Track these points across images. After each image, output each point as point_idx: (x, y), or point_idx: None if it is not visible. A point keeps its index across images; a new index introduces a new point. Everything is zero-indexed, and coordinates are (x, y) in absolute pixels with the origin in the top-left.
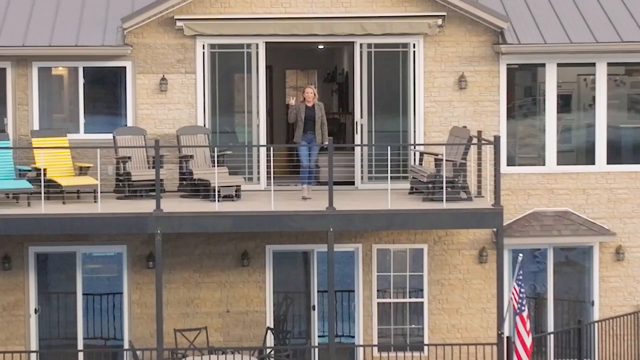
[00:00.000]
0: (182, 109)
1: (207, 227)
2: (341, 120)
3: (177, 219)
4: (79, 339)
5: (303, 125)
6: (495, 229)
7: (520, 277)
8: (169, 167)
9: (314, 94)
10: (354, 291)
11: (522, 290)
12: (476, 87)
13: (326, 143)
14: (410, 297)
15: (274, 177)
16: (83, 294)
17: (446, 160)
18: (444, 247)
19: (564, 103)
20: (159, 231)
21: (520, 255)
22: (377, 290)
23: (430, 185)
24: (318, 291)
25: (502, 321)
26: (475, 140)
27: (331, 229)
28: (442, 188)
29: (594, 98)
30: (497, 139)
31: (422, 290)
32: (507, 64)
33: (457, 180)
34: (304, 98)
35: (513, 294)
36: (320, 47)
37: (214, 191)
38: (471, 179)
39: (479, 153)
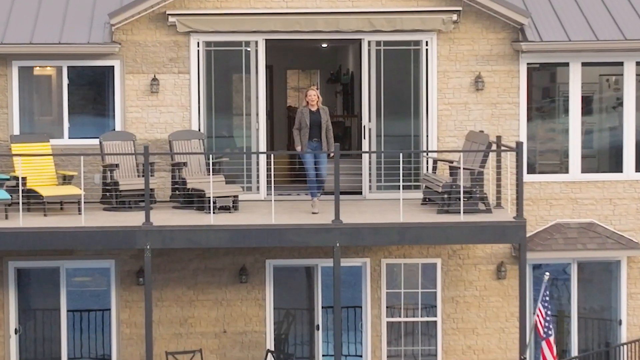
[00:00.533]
0: (174, 111)
1: (201, 242)
2: (346, 123)
3: (168, 233)
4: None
5: (308, 131)
6: (517, 244)
7: (547, 299)
8: (161, 175)
9: (318, 97)
10: (361, 307)
11: (549, 312)
12: (494, 88)
13: (333, 151)
14: (422, 316)
15: (275, 186)
16: (68, 311)
17: (463, 168)
18: (458, 261)
19: (585, 105)
20: (148, 247)
21: (547, 274)
22: (387, 308)
23: (445, 196)
24: (322, 307)
25: (525, 346)
26: (495, 147)
27: (338, 244)
28: (459, 199)
29: (617, 99)
30: (519, 145)
31: (435, 308)
32: (528, 64)
33: (475, 190)
34: (307, 102)
35: (538, 316)
36: (324, 45)
37: (209, 202)
38: (489, 188)
39: (498, 160)
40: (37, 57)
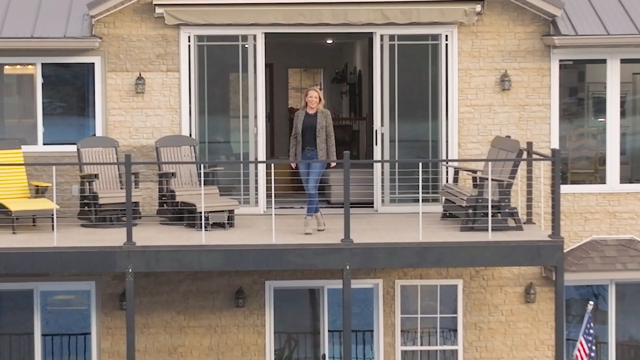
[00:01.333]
0: (162, 114)
1: (191, 265)
2: (354, 127)
3: (153, 254)
4: None
5: (302, 138)
6: (554, 266)
7: (591, 332)
8: (147, 186)
9: (320, 99)
10: (372, 331)
11: (593, 347)
12: (522, 87)
13: (334, 161)
14: (441, 344)
15: (275, 199)
16: (42, 335)
17: (492, 179)
18: (482, 283)
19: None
20: (129, 270)
21: (591, 303)
22: (401, 335)
23: (470, 211)
24: (329, 331)
25: None
26: (525, 154)
27: (348, 267)
28: (486, 214)
29: None
30: (556, 152)
31: (455, 334)
32: (560, 60)
33: (503, 204)
34: (306, 103)
35: (579, 350)
36: (329, 41)
37: (201, 217)
38: (518, 201)
39: (529, 170)
40: (7, 53)
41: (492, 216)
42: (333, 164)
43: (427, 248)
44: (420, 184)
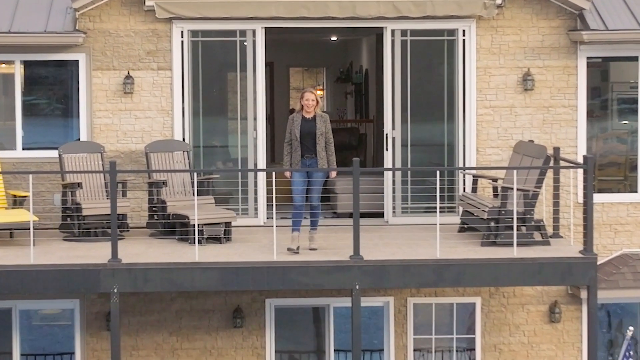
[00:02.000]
0: (153, 117)
1: (184, 284)
2: (360, 130)
3: (141, 272)
4: None
5: (299, 145)
6: (587, 286)
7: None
8: (136, 195)
9: (317, 101)
10: (382, 350)
11: None
12: (546, 87)
13: (337, 169)
14: None
15: (277, 211)
16: (21, 355)
17: (517, 189)
18: (502, 300)
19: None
20: (115, 290)
21: (631, 328)
22: (414, 355)
23: (492, 224)
24: (335, 350)
25: None
26: (552, 162)
27: (357, 287)
28: (510, 227)
29: None
30: (589, 160)
31: (473, 356)
32: (588, 58)
33: (529, 216)
34: (302, 106)
35: None
36: (333, 38)
37: (195, 231)
38: (543, 212)
39: (556, 179)
40: None
41: (516, 229)
42: (334, 174)
43: (445, 265)
44: (438, 194)
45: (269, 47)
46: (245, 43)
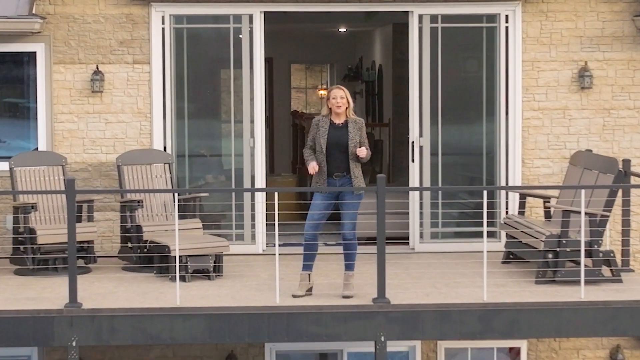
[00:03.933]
0: (128, 121)
1: (160, 336)
2: (375, 136)
3: (107, 321)
4: None
5: (326, 158)
6: None
7: None
8: (107, 216)
9: (348, 101)
10: None
11: None
12: (607, 85)
13: (365, 189)
14: None
15: (280, 233)
16: None
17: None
18: (553, 345)
19: None
20: (73, 344)
21: None
22: None
23: (550, 256)
24: None
25: None
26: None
27: (383, 338)
28: (572, 261)
29: None
30: None
31: None
32: None
33: (596, 246)
34: (330, 109)
35: None
36: (342, 29)
37: (177, 264)
38: (606, 240)
39: (626, 201)
40: None
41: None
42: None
43: (495, 311)
44: (485, 219)
45: (268, 41)
46: (240, 36)
